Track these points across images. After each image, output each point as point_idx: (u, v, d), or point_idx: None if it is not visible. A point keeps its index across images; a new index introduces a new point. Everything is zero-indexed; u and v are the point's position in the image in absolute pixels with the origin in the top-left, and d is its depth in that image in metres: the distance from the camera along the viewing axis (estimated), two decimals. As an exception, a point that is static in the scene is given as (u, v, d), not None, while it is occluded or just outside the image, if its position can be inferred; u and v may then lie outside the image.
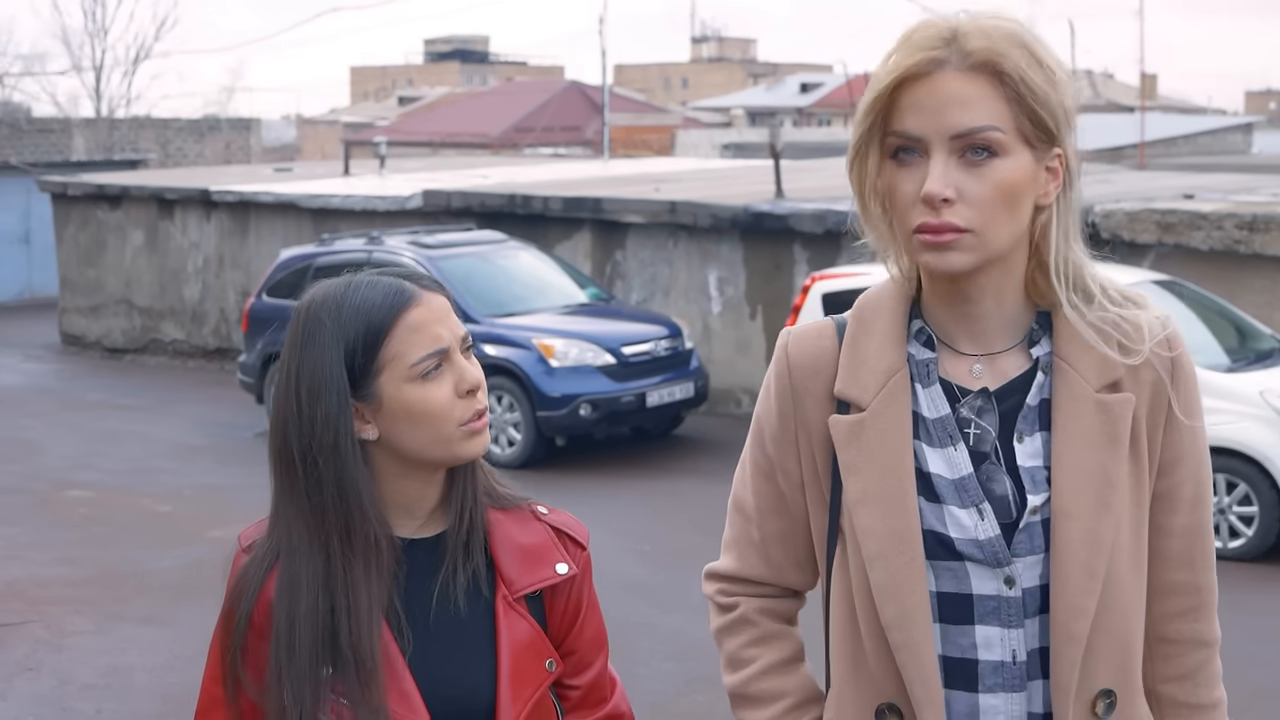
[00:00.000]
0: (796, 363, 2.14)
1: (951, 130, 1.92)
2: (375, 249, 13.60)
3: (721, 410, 14.36)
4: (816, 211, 13.87)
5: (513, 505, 2.24)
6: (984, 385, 2.04)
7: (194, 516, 10.45)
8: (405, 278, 2.12)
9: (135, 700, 6.47)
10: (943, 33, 1.94)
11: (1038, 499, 2.00)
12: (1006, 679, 2.02)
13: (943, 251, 1.94)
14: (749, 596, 2.24)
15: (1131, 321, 2.02)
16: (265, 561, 2.12)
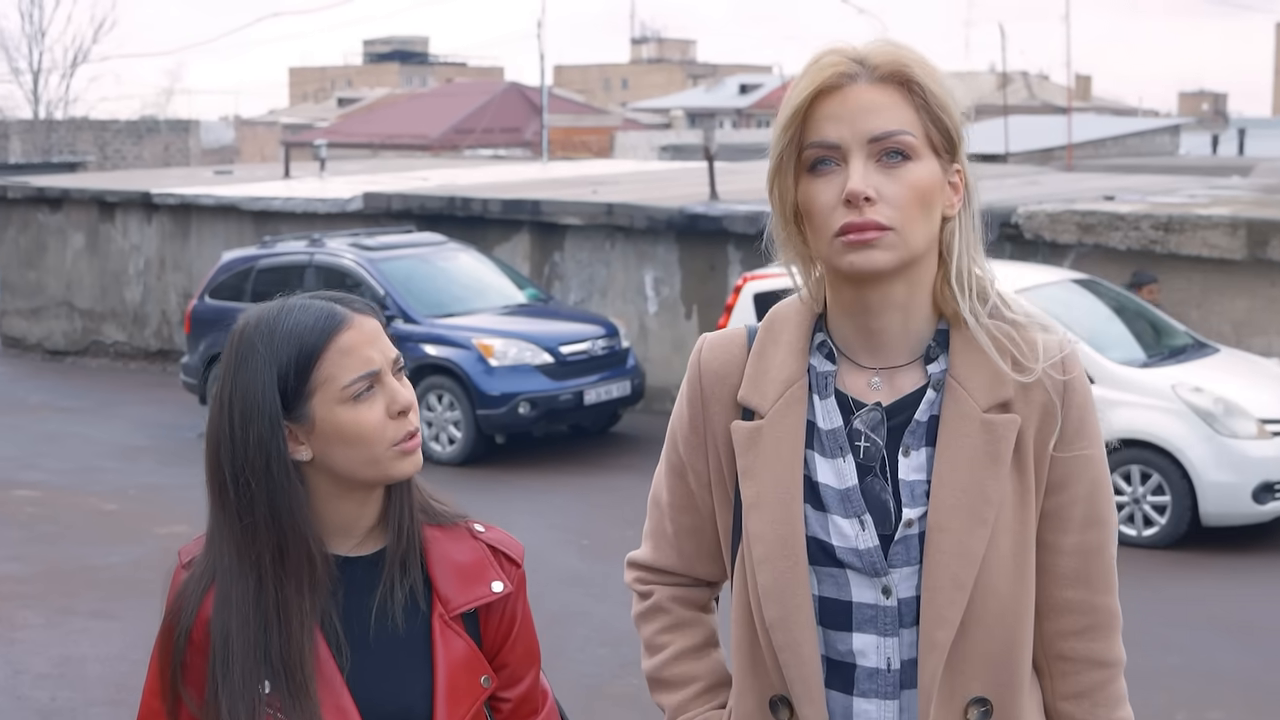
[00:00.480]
0: (707, 369, 2.22)
1: (868, 134, 2.00)
2: (316, 251, 13.78)
3: (657, 408, 14.61)
4: (750, 213, 14.18)
5: (449, 523, 2.28)
6: (879, 399, 2.11)
7: (139, 515, 10.61)
8: (338, 301, 2.16)
9: (89, 689, 6.68)
10: (849, 54, 2.04)
11: (914, 512, 2.06)
12: (880, 685, 2.09)
13: (867, 250, 2.00)
14: (663, 585, 2.33)
15: (1028, 340, 2.09)
16: (204, 579, 2.17)
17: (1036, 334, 2.10)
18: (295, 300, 2.17)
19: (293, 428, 2.12)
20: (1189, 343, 10.36)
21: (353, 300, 2.17)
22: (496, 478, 11.77)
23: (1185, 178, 19.21)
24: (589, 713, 6.28)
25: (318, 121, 74.92)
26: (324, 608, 2.16)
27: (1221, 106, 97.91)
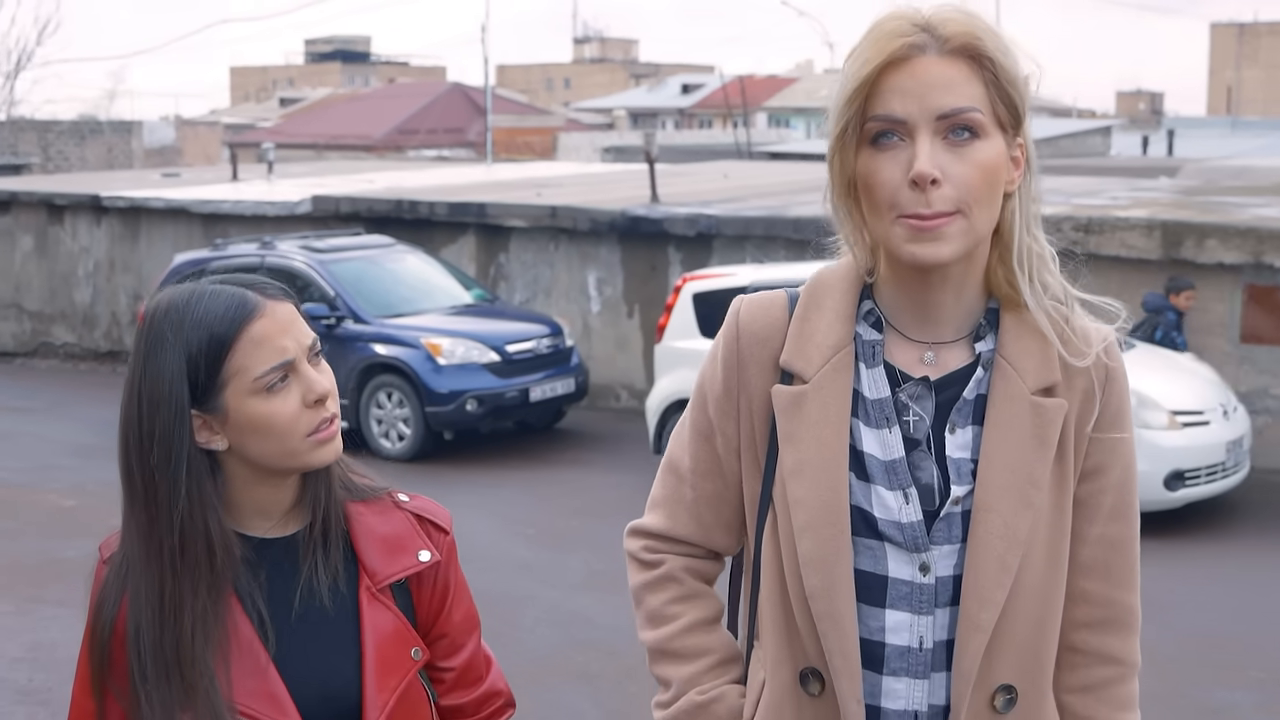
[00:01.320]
0: (746, 329, 2.15)
1: (937, 110, 1.92)
2: (268, 253, 14.09)
3: (601, 405, 15.06)
4: (689, 215, 14.63)
5: (372, 496, 2.23)
6: (926, 374, 2.06)
7: (99, 510, 10.89)
8: (250, 286, 2.10)
9: (62, 670, 7.02)
10: (916, 21, 1.96)
11: (961, 490, 2.02)
12: (911, 664, 2.04)
13: (933, 242, 1.94)
14: (676, 555, 2.26)
15: (1078, 325, 2.05)
16: (122, 574, 2.12)
17: (1086, 320, 2.07)
18: (206, 285, 2.10)
19: (205, 418, 2.07)
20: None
21: (266, 285, 2.10)
22: (445, 473, 12.14)
23: (1112, 179, 19.79)
24: (540, 686, 6.70)
25: (260, 121, 74.76)
26: (244, 592, 2.11)
27: (1158, 106, 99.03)
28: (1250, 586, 8.71)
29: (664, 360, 11.66)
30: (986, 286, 2.07)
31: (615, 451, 13.11)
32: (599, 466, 12.52)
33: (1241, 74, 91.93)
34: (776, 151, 32.52)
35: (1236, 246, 11.59)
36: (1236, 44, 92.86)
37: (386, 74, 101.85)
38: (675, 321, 11.49)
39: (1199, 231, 11.77)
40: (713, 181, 19.52)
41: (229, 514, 2.11)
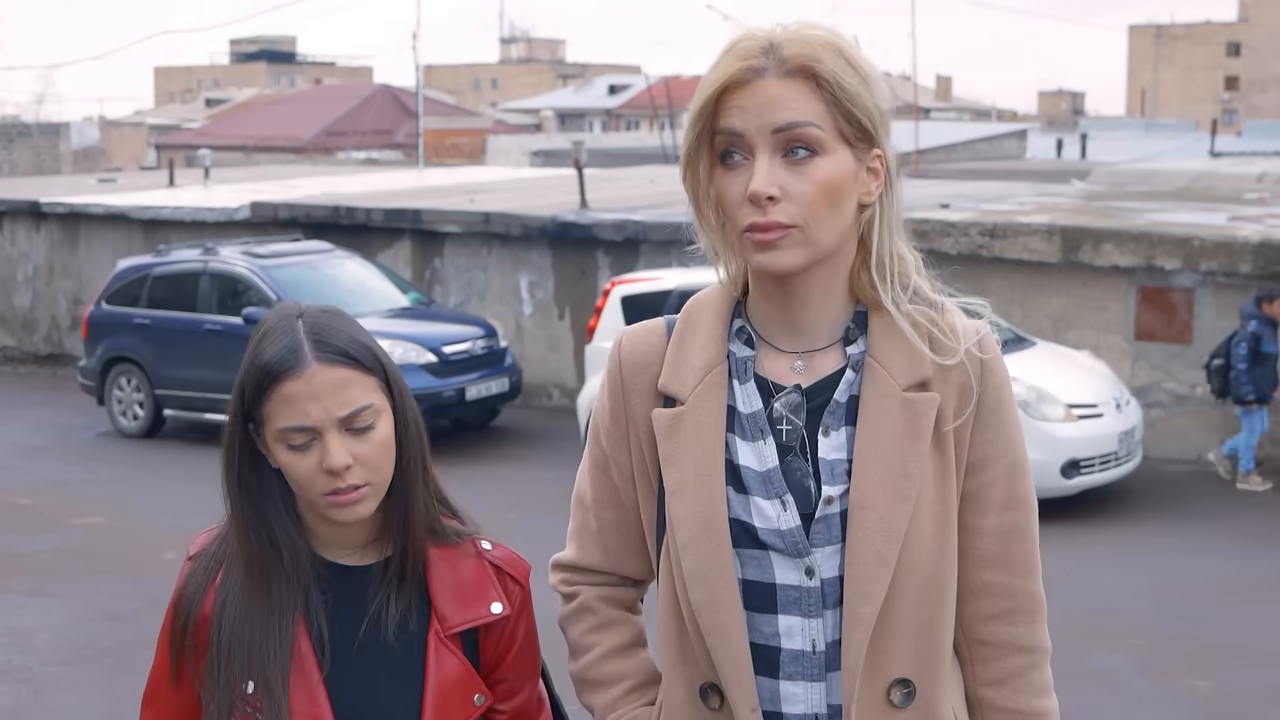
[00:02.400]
0: (627, 359, 2.20)
1: (772, 125, 1.97)
2: (211, 259, 14.54)
3: (534, 403, 15.64)
4: (617, 221, 15.26)
5: (456, 541, 2.26)
6: (797, 382, 2.10)
7: (54, 507, 11.37)
8: (317, 338, 2.13)
9: (40, 653, 7.54)
10: (761, 43, 2.00)
11: (834, 490, 2.04)
12: (806, 668, 2.06)
13: (772, 250, 1.99)
14: (589, 585, 2.29)
15: (949, 323, 2.08)
16: (209, 571, 2.21)
17: (956, 317, 2.10)
18: (289, 319, 2.16)
19: (260, 438, 2.16)
20: (1010, 337, 11.56)
21: (327, 343, 2.13)
22: (386, 469, 12.63)
23: (1023, 183, 20.59)
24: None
25: (186, 122, 74.43)
26: (310, 610, 2.17)
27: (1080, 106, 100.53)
28: (1140, 566, 9.42)
29: (594, 360, 12.27)
30: (853, 292, 2.11)
31: (548, 448, 13.69)
32: (533, 462, 13.10)
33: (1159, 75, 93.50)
34: (702, 155, 33.05)
35: (1130, 250, 12.36)
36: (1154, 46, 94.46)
37: (313, 74, 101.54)
38: (605, 323, 12.10)
39: (1095, 236, 12.53)
40: (639, 187, 20.15)
41: (311, 537, 2.20)
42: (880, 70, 2.06)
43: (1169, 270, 12.23)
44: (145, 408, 14.69)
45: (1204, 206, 15.30)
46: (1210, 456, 11.85)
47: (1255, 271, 11.86)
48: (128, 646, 7.44)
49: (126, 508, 11.31)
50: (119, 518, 10.90)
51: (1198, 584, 8.84)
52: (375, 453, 2.12)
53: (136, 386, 14.74)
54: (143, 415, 14.71)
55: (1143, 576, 9.11)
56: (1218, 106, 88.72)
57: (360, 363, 2.13)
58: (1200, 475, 11.91)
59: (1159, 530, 10.40)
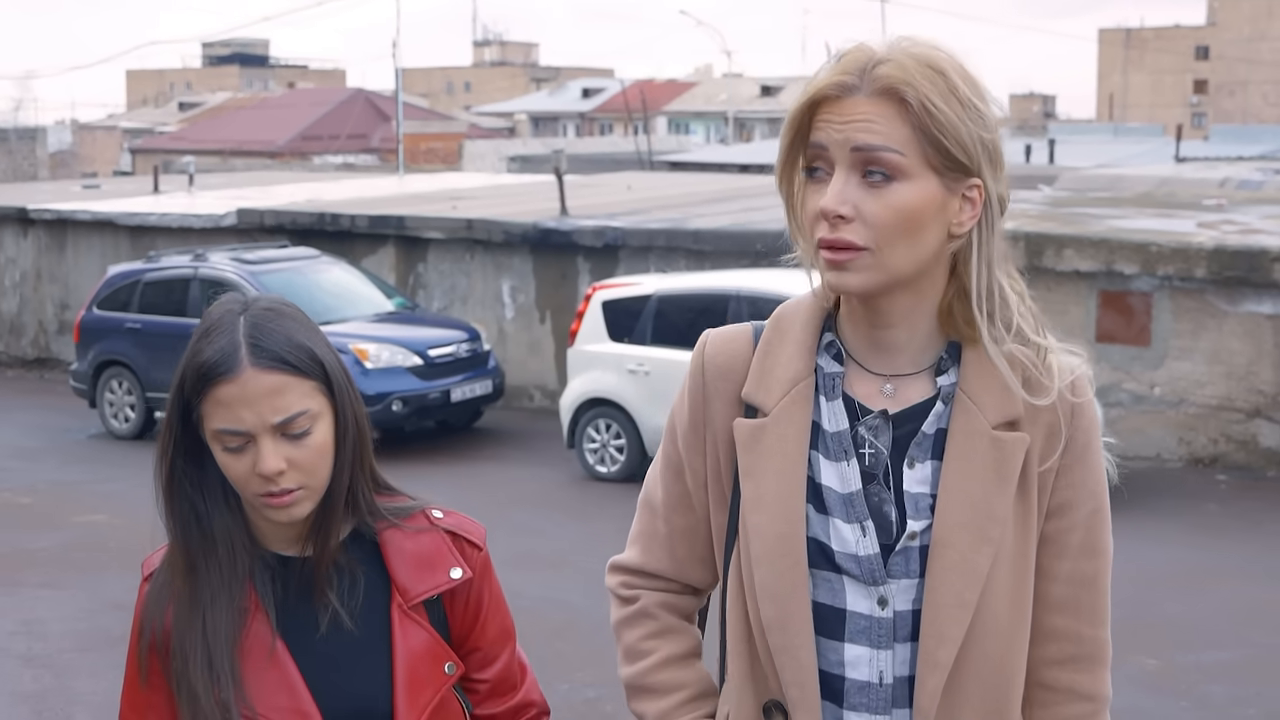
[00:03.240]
0: (711, 363, 2.16)
1: (852, 143, 1.93)
2: (200, 265, 14.95)
3: (516, 405, 16.08)
4: (596, 228, 15.73)
5: (405, 515, 2.24)
6: (885, 407, 2.05)
7: (55, 506, 11.76)
8: (255, 342, 2.09)
9: (57, 641, 7.96)
10: (863, 59, 1.97)
11: (918, 525, 2.00)
12: (871, 700, 2.03)
13: (840, 271, 1.96)
14: (651, 590, 2.25)
15: (1046, 364, 2.03)
16: (165, 588, 2.17)
17: (1054, 358, 2.05)
18: (231, 317, 2.12)
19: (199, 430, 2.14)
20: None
21: (263, 348, 2.09)
22: (374, 468, 13.04)
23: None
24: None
25: (159, 126, 74.57)
26: (265, 605, 2.16)
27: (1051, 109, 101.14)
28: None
29: (576, 363, 12.71)
30: (944, 324, 2.06)
31: (530, 448, 14.14)
32: (516, 461, 13.53)
33: (1128, 79, 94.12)
34: (676, 161, 33.65)
35: (1090, 256, 12.86)
36: (1123, 49, 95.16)
37: (285, 78, 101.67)
38: (586, 327, 12.55)
39: (1058, 242, 13.03)
40: (617, 194, 20.61)
41: (255, 530, 2.19)
42: (992, 95, 2.00)
43: (1128, 275, 12.73)
44: (136, 410, 15.08)
45: (1164, 212, 15.80)
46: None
47: (1210, 276, 12.37)
48: (139, 635, 7.84)
49: (126, 506, 11.67)
50: (119, 516, 11.27)
51: (1152, 571, 9.32)
52: (309, 457, 2.10)
53: (128, 389, 15.13)
54: (134, 417, 15.10)
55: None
56: (1187, 110, 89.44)
57: (297, 368, 2.09)
58: (1158, 471, 12.41)
59: (1117, 522, 10.77)
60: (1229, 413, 12.46)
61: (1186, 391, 12.63)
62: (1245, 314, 12.39)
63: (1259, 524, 10.80)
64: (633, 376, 12.16)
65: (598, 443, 12.43)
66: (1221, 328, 12.45)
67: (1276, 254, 12.20)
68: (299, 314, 2.17)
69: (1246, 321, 12.39)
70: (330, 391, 2.14)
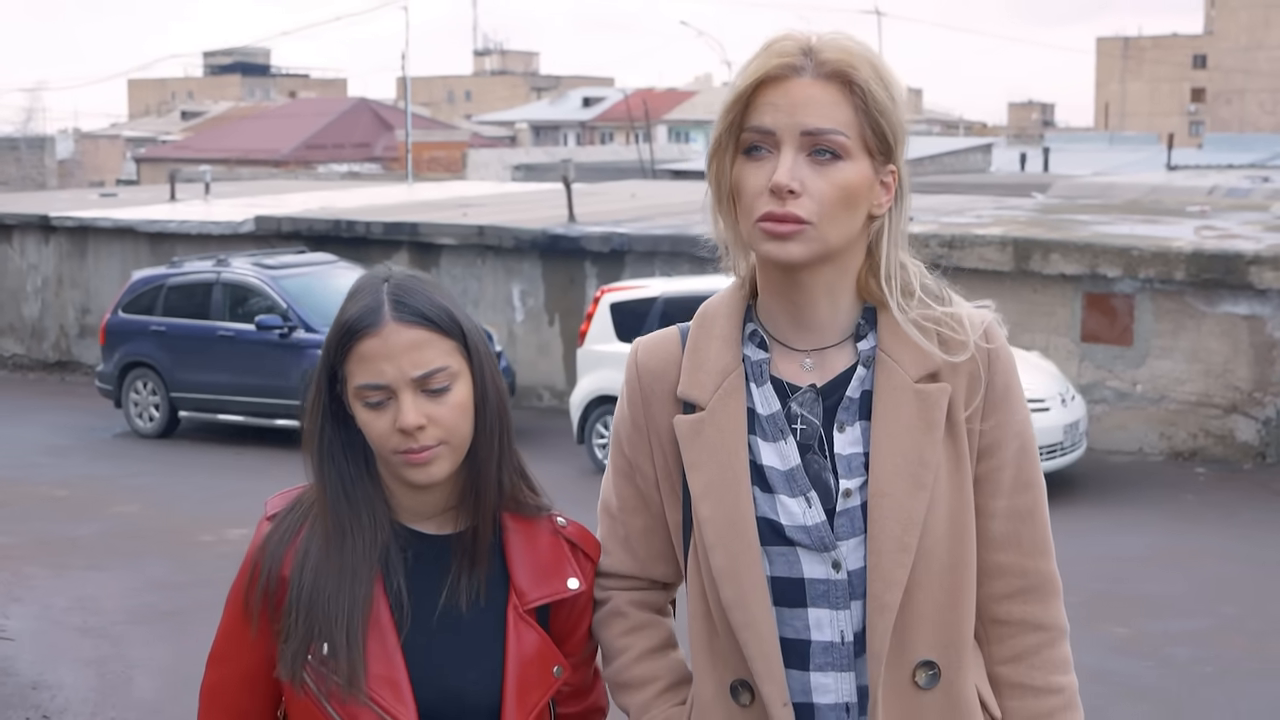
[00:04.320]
0: (644, 368, 2.24)
1: (802, 127, 2.01)
2: (223, 270, 15.54)
3: (526, 404, 16.69)
4: (603, 234, 16.36)
5: (534, 515, 2.27)
6: (813, 381, 2.14)
7: (91, 498, 12.34)
8: (398, 299, 2.13)
9: (110, 615, 8.55)
10: (800, 44, 2.05)
11: (852, 483, 2.09)
12: (836, 658, 2.10)
13: (783, 241, 2.03)
14: (619, 590, 2.31)
15: (954, 317, 2.12)
16: (288, 532, 2.21)
17: (963, 309, 2.15)
18: (376, 281, 2.19)
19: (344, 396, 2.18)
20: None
21: (406, 304, 2.14)
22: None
23: (984, 197, 21.70)
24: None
25: (163, 135, 75.09)
26: (390, 575, 2.18)
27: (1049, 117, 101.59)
28: (1079, 538, 10.42)
29: (585, 362, 13.33)
30: (861, 294, 2.15)
31: (541, 444, 14.71)
32: (528, 456, 13.60)
33: (1126, 87, 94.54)
34: (678, 169, 34.27)
35: (1076, 260, 13.48)
36: (1121, 58, 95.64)
37: (287, 87, 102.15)
38: (595, 328, 13.16)
39: (1044, 247, 13.65)
40: (622, 201, 21.22)
41: (392, 502, 2.22)
42: (905, 89, 2.10)
43: (1111, 278, 13.34)
44: (161, 409, 15.65)
45: (1150, 219, 16.42)
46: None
47: (1188, 279, 12.99)
48: (185, 610, 8.45)
49: (158, 498, 12.30)
50: (152, 507, 11.89)
51: (1130, 554, 9.93)
52: (450, 414, 2.12)
53: (152, 390, 15.71)
54: (158, 416, 15.68)
55: (1081, 547, 10.12)
56: (1185, 118, 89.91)
57: (437, 324, 2.14)
58: (1140, 464, 13.02)
59: (1099, 511, 11.44)
60: (1207, 409, 13.08)
61: (1167, 389, 13.24)
62: (1222, 314, 13.02)
63: (1234, 513, 11.40)
64: (640, 375, 12.71)
65: (606, 438, 13.02)
66: (1200, 328, 13.08)
67: (1251, 257, 12.84)
68: (439, 284, 2.25)
69: (1223, 321, 13.02)
70: (469, 355, 2.17)
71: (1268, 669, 7.50)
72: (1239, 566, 9.64)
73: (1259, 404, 12.98)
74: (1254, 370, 12.95)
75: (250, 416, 15.03)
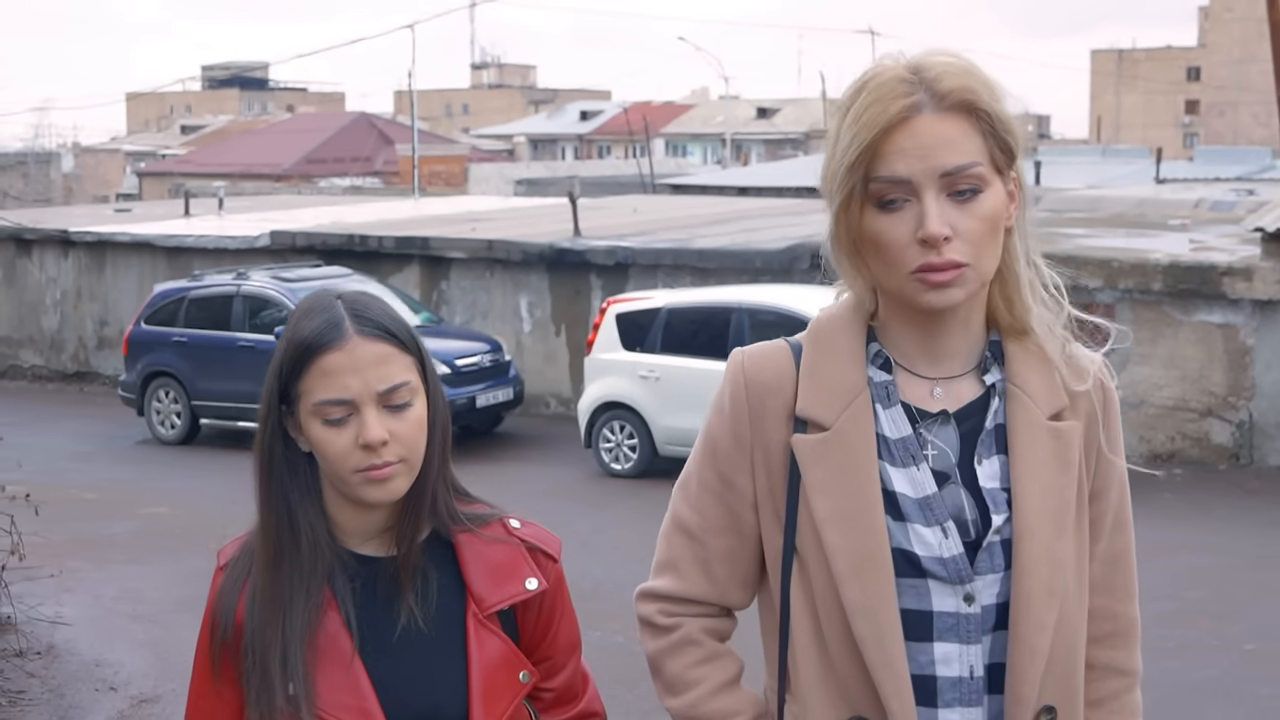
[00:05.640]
0: (754, 380, 2.13)
1: (940, 169, 1.93)
2: (242, 283, 16.21)
3: (534, 411, 17.32)
4: (608, 247, 17.04)
5: (483, 522, 2.21)
6: (942, 408, 2.06)
7: (119, 500, 12.96)
8: (357, 314, 2.10)
9: (156, 604, 9.18)
10: (907, 77, 1.96)
11: (1000, 519, 2.01)
12: (964, 694, 2.03)
13: (945, 289, 1.96)
14: (692, 617, 2.20)
15: (1069, 351, 2.10)
16: (239, 578, 2.16)
17: (1076, 346, 2.12)
18: (327, 300, 2.14)
19: (292, 418, 2.13)
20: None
21: (368, 319, 2.10)
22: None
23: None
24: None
25: (162, 149, 75.72)
26: (341, 602, 2.13)
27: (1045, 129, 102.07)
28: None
29: (592, 370, 13.96)
30: (988, 319, 2.08)
31: (548, 449, 15.37)
32: (536, 462, 14.76)
33: (1121, 99, 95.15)
34: (678, 184, 34.89)
35: (1058, 271, 14.00)
36: (1116, 70, 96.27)
37: (285, 100, 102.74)
38: (601, 337, 13.80)
39: (1030, 259, 14.29)
40: (624, 216, 21.87)
41: (334, 527, 2.16)
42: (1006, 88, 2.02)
43: (1092, 288, 13.97)
44: (182, 417, 16.30)
45: (1133, 232, 17.08)
46: None
47: (1165, 289, 13.65)
48: (225, 599, 9.04)
49: (185, 500, 12.91)
50: (180, 508, 12.50)
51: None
52: (411, 431, 2.09)
53: (174, 399, 16.36)
54: (180, 424, 16.33)
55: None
56: (1179, 130, 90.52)
57: (399, 339, 2.11)
58: (1121, 466, 13.63)
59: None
60: (1184, 412, 13.73)
61: (1146, 394, 13.88)
62: (1198, 323, 13.68)
63: (1209, 509, 12.04)
64: (644, 382, 13.39)
65: (613, 442, 13.67)
66: (1177, 335, 13.74)
67: (1225, 268, 13.50)
68: (387, 302, 2.23)
69: (1199, 330, 13.68)
70: (424, 373, 2.15)
71: (1225, 644, 8.18)
72: (1210, 557, 10.29)
73: (1233, 408, 13.63)
74: (1228, 376, 13.60)
75: (269, 423, 15.55)
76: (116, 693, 7.27)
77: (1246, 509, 12.12)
